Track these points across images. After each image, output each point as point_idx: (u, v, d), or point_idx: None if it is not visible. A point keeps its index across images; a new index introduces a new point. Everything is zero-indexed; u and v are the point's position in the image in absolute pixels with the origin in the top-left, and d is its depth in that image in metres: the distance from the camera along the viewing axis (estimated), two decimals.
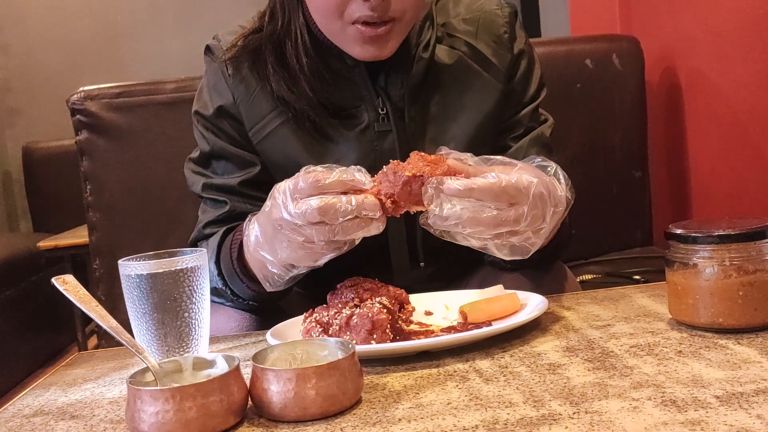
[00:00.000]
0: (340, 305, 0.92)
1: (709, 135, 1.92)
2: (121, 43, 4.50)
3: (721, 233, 0.80)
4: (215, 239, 1.10)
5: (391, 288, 0.97)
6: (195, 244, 1.16)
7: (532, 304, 0.96)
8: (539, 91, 1.22)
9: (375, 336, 0.86)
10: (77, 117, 1.78)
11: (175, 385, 0.70)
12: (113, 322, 0.81)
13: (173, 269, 0.87)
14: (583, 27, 2.70)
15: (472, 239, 0.87)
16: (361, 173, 0.88)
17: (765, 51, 1.64)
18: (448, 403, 0.71)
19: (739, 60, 1.75)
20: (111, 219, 1.80)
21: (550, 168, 0.96)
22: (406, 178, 0.85)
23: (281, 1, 1.13)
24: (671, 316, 0.87)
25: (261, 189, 1.12)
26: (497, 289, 1.00)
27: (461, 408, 0.69)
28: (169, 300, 0.87)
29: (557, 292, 1.10)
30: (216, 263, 1.08)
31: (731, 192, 1.85)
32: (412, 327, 0.97)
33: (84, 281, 0.95)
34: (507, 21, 1.19)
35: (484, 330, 0.87)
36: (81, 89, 1.80)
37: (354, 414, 0.71)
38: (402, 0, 1.04)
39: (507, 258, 0.91)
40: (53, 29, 4.47)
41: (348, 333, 0.87)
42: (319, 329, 0.89)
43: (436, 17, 1.18)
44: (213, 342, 1.02)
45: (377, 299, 0.92)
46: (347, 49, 1.09)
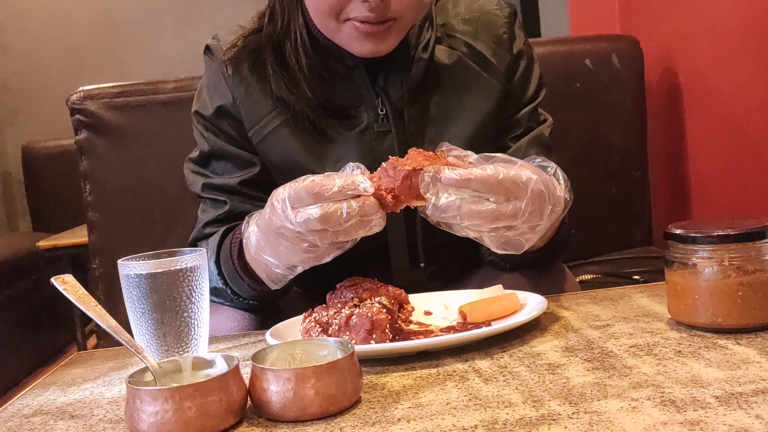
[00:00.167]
0: (339, 305, 0.92)
1: (709, 135, 1.92)
2: (121, 43, 4.49)
3: (721, 233, 0.80)
4: (215, 239, 1.10)
5: (391, 288, 0.97)
6: (195, 243, 1.16)
7: (531, 304, 0.96)
8: (538, 92, 1.22)
9: (374, 336, 0.86)
10: (77, 117, 1.78)
11: (175, 385, 0.70)
12: (112, 321, 0.81)
13: (173, 269, 0.87)
14: (583, 27, 2.70)
15: (468, 230, 0.88)
16: (360, 170, 0.88)
17: (765, 51, 1.64)
18: (447, 403, 0.71)
19: (739, 60, 1.75)
20: (110, 219, 1.80)
21: (550, 168, 0.96)
22: (406, 172, 0.86)
23: (281, 2, 1.13)
24: (670, 316, 0.87)
25: (261, 189, 1.12)
26: (497, 289, 1.00)
27: (460, 408, 0.69)
28: (169, 300, 0.87)
29: (556, 292, 1.10)
30: (216, 263, 1.08)
31: (730, 192, 1.85)
32: (411, 327, 0.96)
33: (83, 281, 0.95)
34: (506, 21, 1.19)
35: (483, 330, 0.87)
36: (80, 89, 1.79)
37: (353, 414, 0.71)
38: (401, 0, 1.04)
39: (499, 251, 0.91)
40: (53, 29, 4.47)
41: (347, 333, 0.87)
42: (319, 329, 0.89)
43: (435, 17, 1.18)
44: (212, 342, 1.02)
45: (377, 299, 0.92)
46: (346, 46, 1.09)
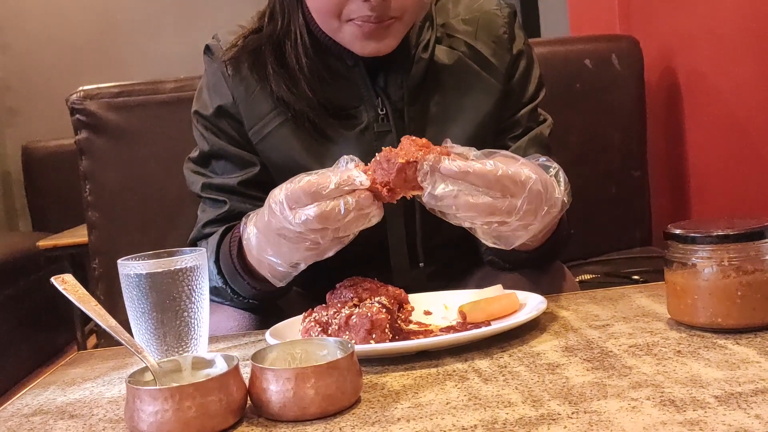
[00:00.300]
0: (339, 305, 0.92)
1: (708, 135, 1.92)
2: (121, 43, 4.49)
3: (720, 233, 0.80)
4: (214, 238, 1.10)
5: (391, 288, 0.97)
6: (194, 243, 1.16)
7: (531, 304, 0.96)
8: (538, 92, 1.22)
9: (374, 336, 0.86)
10: (77, 116, 1.78)
11: (174, 385, 0.70)
12: (112, 321, 0.81)
13: (172, 269, 0.88)
14: (583, 27, 2.70)
15: (462, 220, 0.88)
16: (354, 162, 0.89)
17: (765, 51, 1.64)
18: (447, 403, 0.71)
19: (739, 60, 1.75)
20: (110, 218, 1.80)
21: (552, 169, 0.96)
22: (399, 165, 0.86)
23: (281, 2, 1.13)
24: (670, 316, 0.87)
25: (260, 189, 1.12)
26: (496, 289, 1.00)
27: (460, 408, 0.69)
28: (168, 299, 0.87)
29: (556, 291, 1.10)
30: (215, 262, 1.08)
31: (730, 192, 1.85)
32: (411, 327, 0.97)
33: (83, 280, 0.95)
34: (506, 21, 1.19)
35: (483, 330, 0.87)
36: (80, 89, 1.79)
37: (353, 413, 0.71)
38: (401, 0, 1.04)
39: (489, 245, 0.92)
40: (52, 29, 4.47)
41: (347, 332, 0.87)
42: (318, 329, 0.89)
43: (435, 17, 1.18)
44: (212, 341, 1.02)
45: (376, 299, 0.92)
46: (348, 46, 1.09)
